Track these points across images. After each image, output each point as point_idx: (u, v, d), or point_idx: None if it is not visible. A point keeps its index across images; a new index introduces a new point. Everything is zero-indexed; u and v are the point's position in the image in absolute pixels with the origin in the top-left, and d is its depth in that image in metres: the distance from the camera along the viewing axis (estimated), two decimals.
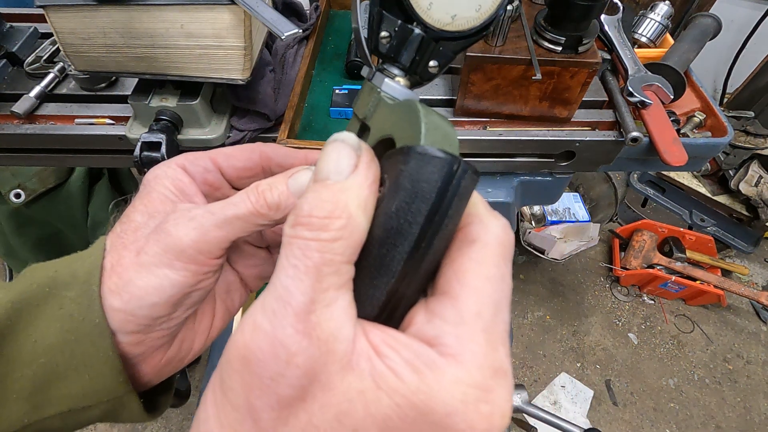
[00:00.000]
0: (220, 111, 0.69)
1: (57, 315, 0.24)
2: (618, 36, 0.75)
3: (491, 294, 0.19)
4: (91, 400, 0.25)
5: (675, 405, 1.67)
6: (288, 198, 0.25)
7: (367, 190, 0.20)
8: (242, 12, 0.53)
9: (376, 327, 0.19)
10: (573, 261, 2.03)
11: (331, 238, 0.18)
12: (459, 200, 0.19)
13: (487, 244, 0.20)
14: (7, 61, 0.73)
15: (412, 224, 0.19)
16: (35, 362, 0.24)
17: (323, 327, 0.18)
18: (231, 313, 0.32)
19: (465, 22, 0.24)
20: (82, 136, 0.68)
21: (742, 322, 1.89)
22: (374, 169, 0.21)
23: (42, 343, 0.24)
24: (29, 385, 0.24)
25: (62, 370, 0.24)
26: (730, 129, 0.71)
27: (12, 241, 1.24)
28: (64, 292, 0.24)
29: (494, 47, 0.62)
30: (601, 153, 0.72)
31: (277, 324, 0.18)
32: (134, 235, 0.25)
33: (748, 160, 1.57)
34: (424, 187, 0.19)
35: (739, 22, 1.89)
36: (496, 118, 0.70)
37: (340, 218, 0.19)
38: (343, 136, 0.21)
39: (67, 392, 0.24)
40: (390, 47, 0.24)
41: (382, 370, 0.18)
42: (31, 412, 0.24)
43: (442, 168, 0.19)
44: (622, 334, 1.84)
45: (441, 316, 0.19)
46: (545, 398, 1.67)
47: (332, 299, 0.18)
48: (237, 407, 0.18)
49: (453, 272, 0.20)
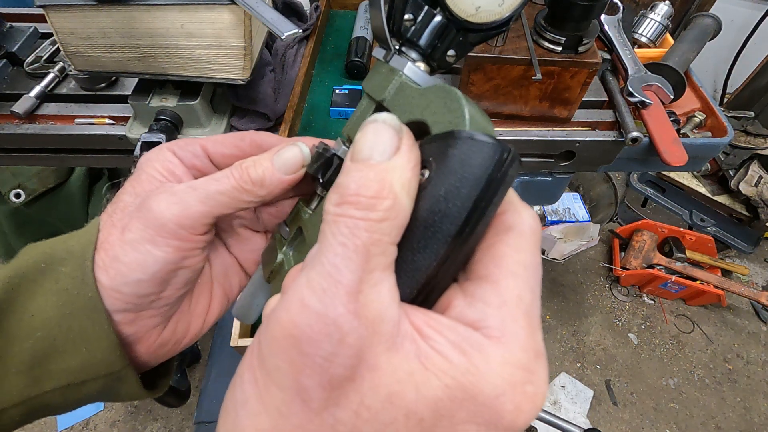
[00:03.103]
0: (220, 111, 0.69)
1: (53, 289, 0.24)
2: (618, 36, 0.75)
3: (529, 279, 0.20)
4: (89, 374, 0.25)
5: (675, 405, 1.67)
6: (272, 174, 0.25)
7: (410, 172, 0.20)
8: (242, 12, 0.53)
9: (418, 309, 0.20)
10: (573, 261, 2.03)
11: (379, 218, 0.18)
12: (504, 187, 0.20)
13: (522, 232, 0.20)
14: (7, 61, 0.73)
15: (460, 209, 0.19)
16: (33, 336, 0.24)
17: (371, 307, 0.18)
18: (229, 298, 0.32)
19: (488, 15, 0.25)
20: (82, 136, 0.68)
21: (742, 322, 1.89)
22: (417, 152, 0.21)
23: (39, 317, 0.24)
24: (28, 358, 0.24)
25: (60, 344, 0.24)
26: (730, 129, 0.71)
27: (12, 241, 1.24)
28: (59, 267, 0.25)
29: (494, 47, 0.62)
30: (601, 153, 0.72)
31: (328, 302, 0.18)
32: (121, 214, 0.26)
33: (748, 160, 1.57)
34: (476, 172, 0.19)
35: (739, 22, 1.89)
36: (496, 118, 0.70)
37: (387, 198, 0.19)
38: (383, 117, 0.21)
39: (65, 366, 0.25)
40: (414, 31, 0.25)
41: (429, 351, 0.18)
42: (30, 386, 0.24)
43: (494, 154, 0.19)
44: (622, 334, 1.84)
45: (483, 300, 0.19)
46: (545, 398, 1.67)
47: (379, 279, 0.18)
48: (283, 387, 0.18)
49: (491, 257, 0.20)
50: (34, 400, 0.25)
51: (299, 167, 0.26)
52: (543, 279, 2.00)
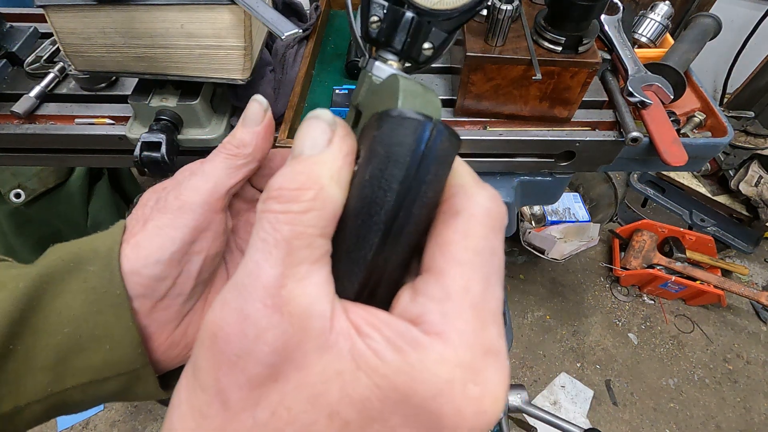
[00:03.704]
0: (220, 111, 0.69)
1: (81, 288, 0.25)
2: (618, 36, 0.75)
3: (480, 267, 0.18)
4: (110, 372, 0.26)
5: (675, 405, 1.67)
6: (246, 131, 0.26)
7: (341, 161, 0.19)
8: (242, 12, 0.53)
9: (358, 306, 0.18)
10: (573, 261, 2.03)
11: (301, 210, 0.18)
12: (437, 165, 0.18)
13: (473, 215, 0.19)
14: (7, 61, 0.73)
15: (387, 191, 0.18)
16: (60, 332, 0.24)
17: (296, 302, 0.17)
18: None
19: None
20: (82, 136, 0.68)
21: (742, 322, 1.89)
22: (349, 142, 0.20)
23: (67, 314, 0.25)
24: (53, 355, 0.24)
25: (85, 340, 0.25)
26: (730, 129, 0.71)
27: (12, 241, 1.25)
28: (87, 266, 0.25)
29: (494, 47, 0.62)
30: (601, 153, 0.72)
31: (245, 298, 0.17)
32: (143, 210, 0.27)
33: (748, 160, 1.57)
34: (397, 151, 0.18)
35: (739, 22, 1.89)
36: (496, 118, 0.70)
37: (311, 189, 0.18)
38: (317, 113, 0.21)
39: (88, 363, 0.25)
40: (380, 31, 0.24)
41: (363, 349, 0.17)
42: (54, 382, 0.25)
43: (416, 129, 0.18)
44: (622, 334, 1.84)
45: (425, 293, 0.18)
46: (545, 398, 1.67)
47: (305, 274, 0.17)
48: (205, 388, 0.17)
49: (437, 246, 0.19)
50: (56, 396, 0.25)
51: (263, 114, 0.27)
52: (543, 279, 2.00)
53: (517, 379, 1.72)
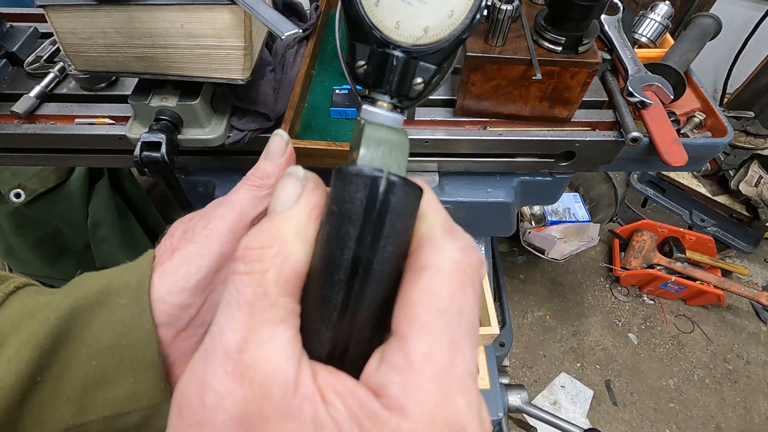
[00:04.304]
0: (220, 111, 0.69)
1: (110, 321, 0.25)
2: (618, 36, 0.75)
3: (444, 331, 0.17)
4: (132, 406, 0.25)
5: (675, 405, 1.67)
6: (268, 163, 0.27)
7: (306, 216, 0.19)
8: (242, 12, 0.53)
9: (326, 369, 0.18)
10: (573, 261, 2.03)
11: (263, 269, 0.17)
12: (394, 218, 0.18)
13: (439, 270, 0.17)
14: (7, 60, 0.73)
15: (344, 250, 0.17)
16: (87, 365, 0.25)
17: (258, 367, 0.16)
18: None
19: (440, 31, 0.23)
20: (82, 136, 0.68)
21: (742, 322, 1.89)
22: (317, 196, 0.20)
23: (95, 346, 0.25)
24: (79, 387, 0.24)
25: (110, 373, 0.25)
26: (730, 129, 0.71)
27: (12, 241, 1.24)
28: (116, 299, 0.25)
29: (494, 47, 0.62)
30: (601, 153, 0.72)
31: (206, 364, 0.17)
32: (170, 240, 0.28)
33: (748, 161, 1.57)
34: (350, 208, 0.18)
35: (739, 22, 1.89)
36: (496, 118, 0.70)
37: (274, 246, 0.18)
38: (290, 170, 0.21)
39: (111, 396, 0.25)
40: (368, 74, 0.24)
41: (325, 419, 0.16)
42: (77, 415, 0.25)
43: (365, 185, 0.18)
44: (622, 334, 1.84)
45: (388, 361, 0.17)
46: (545, 398, 1.67)
47: (268, 336, 0.17)
48: None
49: (401, 307, 0.17)
50: (76, 429, 0.25)
51: (284, 147, 0.27)
52: (543, 279, 2.00)
53: (517, 379, 1.72)
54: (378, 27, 0.23)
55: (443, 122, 0.71)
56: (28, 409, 0.24)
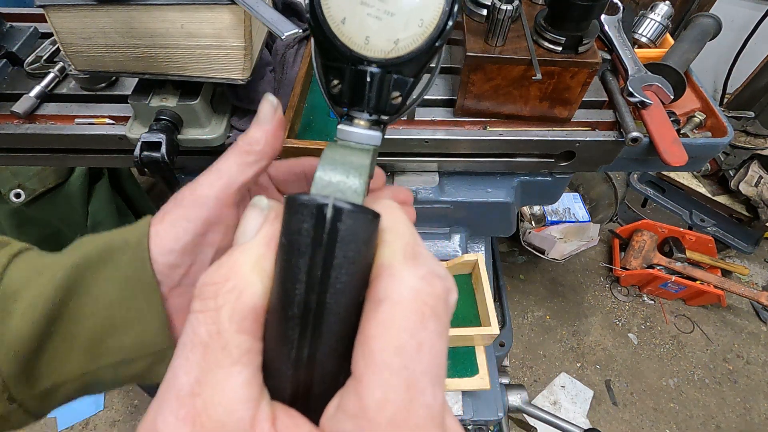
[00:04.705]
0: (220, 111, 0.69)
1: (114, 276, 0.26)
2: (618, 36, 0.75)
3: (401, 371, 0.15)
4: (140, 352, 0.27)
5: (675, 405, 1.67)
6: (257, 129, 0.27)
7: (263, 248, 0.18)
8: (242, 12, 0.53)
9: (286, 413, 0.17)
10: (573, 261, 2.03)
11: (218, 306, 0.16)
12: (345, 247, 0.17)
13: (397, 302, 0.16)
14: (7, 60, 0.73)
15: (296, 283, 0.17)
16: (96, 316, 0.26)
17: (210, 412, 0.15)
18: None
19: (411, 42, 0.22)
20: (82, 136, 0.68)
21: (742, 322, 1.89)
22: (276, 226, 0.19)
23: (103, 299, 0.26)
24: (90, 336, 0.26)
25: (118, 323, 0.26)
26: (730, 129, 0.71)
27: None
28: (119, 256, 0.27)
29: (494, 47, 0.62)
30: (601, 153, 0.72)
31: (158, 410, 0.16)
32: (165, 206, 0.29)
33: (748, 161, 1.57)
34: (298, 240, 0.17)
35: (739, 22, 1.89)
36: (496, 118, 0.70)
37: (230, 281, 0.17)
38: (254, 200, 0.20)
39: (120, 344, 0.26)
40: (342, 92, 0.23)
41: None
42: (89, 362, 0.26)
43: (311, 214, 0.17)
44: (622, 334, 1.84)
45: (343, 407, 0.16)
46: (545, 398, 1.67)
47: (223, 377, 0.16)
48: None
49: (358, 345, 0.16)
50: (90, 375, 0.27)
51: (274, 112, 0.28)
52: (543, 279, 2.00)
53: (517, 379, 1.72)
54: (347, 44, 0.22)
55: (443, 122, 0.71)
56: (44, 358, 0.26)
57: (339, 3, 0.22)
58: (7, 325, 0.25)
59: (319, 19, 0.22)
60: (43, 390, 0.26)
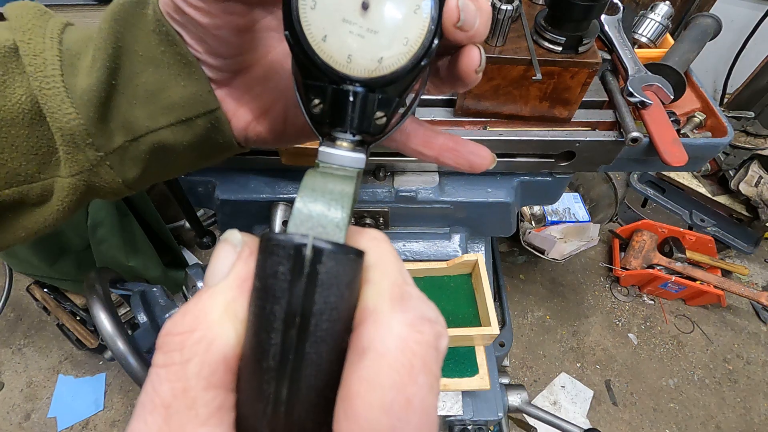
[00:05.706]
0: None
1: (147, 31, 0.26)
2: (618, 36, 0.75)
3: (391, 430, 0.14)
4: (191, 111, 0.27)
5: (675, 405, 1.67)
6: None
7: (235, 290, 0.16)
8: None
9: None
10: (573, 261, 2.03)
11: (184, 360, 0.15)
12: (325, 292, 0.15)
13: (383, 354, 0.14)
14: None
15: (271, 332, 0.15)
16: (145, 71, 0.26)
17: None
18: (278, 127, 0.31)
19: (395, 61, 0.22)
20: None
21: (742, 323, 1.89)
22: (249, 265, 0.17)
23: (146, 55, 0.26)
24: (144, 92, 0.27)
25: (164, 79, 0.27)
26: (730, 129, 0.71)
27: None
28: (142, 9, 0.26)
29: (494, 47, 0.62)
30: (601, 153, 0.72)
31: None
32: None
33: (748, 161, 1.57)
34: (273, 284, 0.15)
35: (739, 22, 1.89)
36: (496, 118, 0.70)
37: (197, 330, 0.15)
38: (225, 235, 0.18)
39: (170, 101, 0.27)
40: (324, 113, 0.22)
41: None
42: (150, 119, 0.27)
43: (287, 256, 0.15)
44: (622, 335, 1.84)
45: None
46: (545, 398, 1.67)
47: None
48: None
49: (341, 401, 0.15)
50: (154, 134, 0.27)
51: None
52: (543, 279, 2.00)
53: (517, 379, 1.72)
54: (328, 63, 0.21)
55: (443, 122, 0.71)
56: (113, 111, 0.27)
57: (320, 20, 0.21)
58: (77, 78, 0.26)
59: (298, 37, 0.21)
60: (118, 146, 0.27)
